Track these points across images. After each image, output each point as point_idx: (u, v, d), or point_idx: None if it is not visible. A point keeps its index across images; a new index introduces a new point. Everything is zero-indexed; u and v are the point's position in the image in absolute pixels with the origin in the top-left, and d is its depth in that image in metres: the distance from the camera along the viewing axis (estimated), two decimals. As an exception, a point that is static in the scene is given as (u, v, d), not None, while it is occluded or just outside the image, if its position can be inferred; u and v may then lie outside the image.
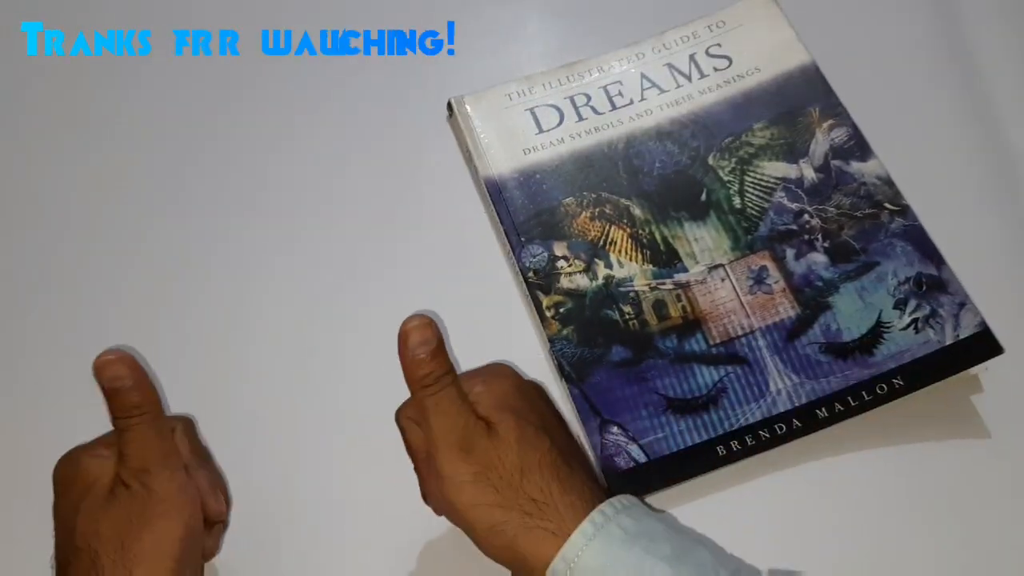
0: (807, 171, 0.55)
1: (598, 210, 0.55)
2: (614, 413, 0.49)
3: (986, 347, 0.49)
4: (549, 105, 0.58)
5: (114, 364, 0.42)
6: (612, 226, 0.54)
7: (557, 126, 0.57)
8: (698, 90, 0.58)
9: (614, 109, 0.58)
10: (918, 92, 0.60)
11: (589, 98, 0.58)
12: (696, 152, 0.56)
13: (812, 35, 0.59)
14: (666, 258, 0.53)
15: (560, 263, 0.53)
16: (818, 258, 0.52)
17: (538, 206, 0.55)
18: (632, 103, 0.58)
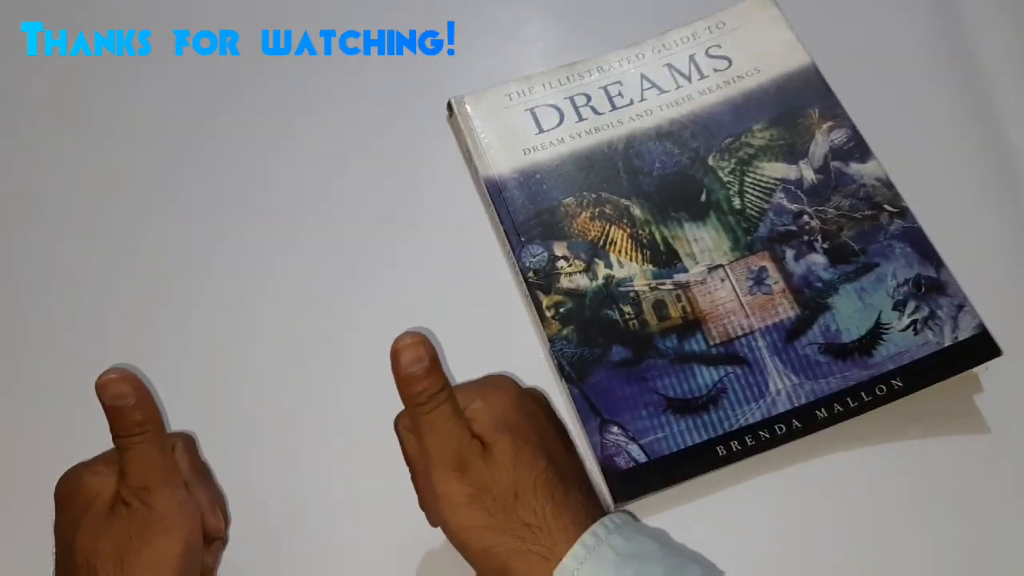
0: (807, 172, 0.55)
1: (598, 210, 0.55)
2: (614, 413, 0.49)
3: (984, 349, 0.49)
4: (549, 105, 0.58)
5: (117, 383, 0.42)
6: (612, 226, 0.54)
7: (557, 126, 0.57)
8: (698, 91, 0.58)
9: (614, 109, 0.58)
10: (918, 93, 0.60)
11: (589, 98, 0.58)
12: (696, 153, 0.56)
13: (812, 36, 0.59)
14: (666, 258, 0.53)
15: (560, 263, 0.53)
16: (817, 259, 0.52)
17: (538, 206, 0.55)
18: (632, 103, 0.58)
